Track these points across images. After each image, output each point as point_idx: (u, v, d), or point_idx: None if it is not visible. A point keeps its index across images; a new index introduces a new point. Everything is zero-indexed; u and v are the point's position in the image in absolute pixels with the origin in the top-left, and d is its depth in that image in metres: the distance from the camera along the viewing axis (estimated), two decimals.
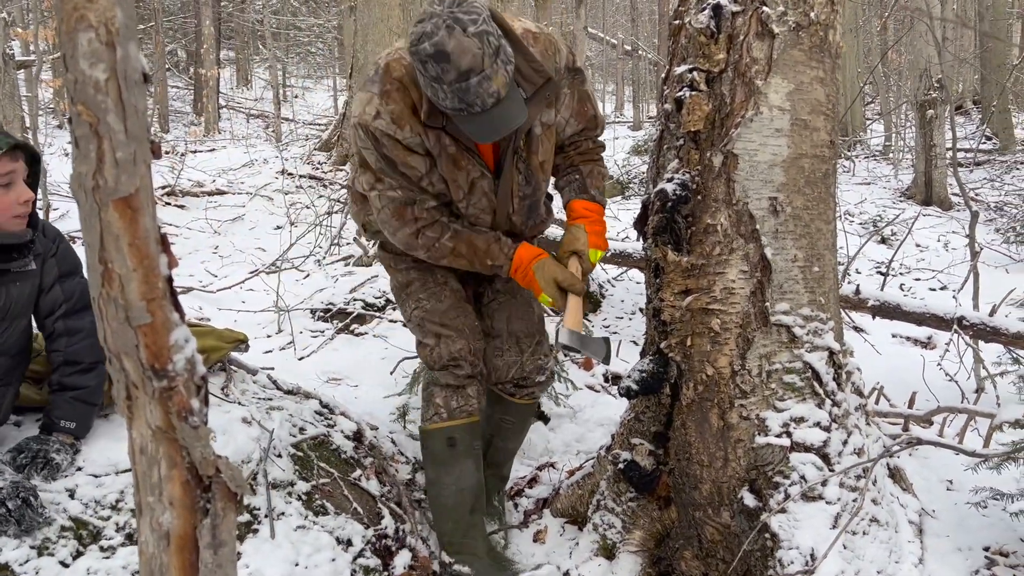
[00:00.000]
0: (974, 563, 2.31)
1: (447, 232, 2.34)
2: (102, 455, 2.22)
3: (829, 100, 2.25)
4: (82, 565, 2.00)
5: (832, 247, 2.35)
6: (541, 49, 2.25)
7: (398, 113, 2.16)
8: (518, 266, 2.36)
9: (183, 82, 19.39)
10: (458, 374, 2.52)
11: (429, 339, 2.53)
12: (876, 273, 6.87)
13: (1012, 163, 12.31)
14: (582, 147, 2.53)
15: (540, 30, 2.30)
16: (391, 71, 2.17)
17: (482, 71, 1.95)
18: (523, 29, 2.25)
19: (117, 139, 0.84)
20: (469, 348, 2.52)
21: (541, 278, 2.32)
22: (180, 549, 0.93)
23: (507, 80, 2.02)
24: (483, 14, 1.98)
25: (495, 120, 2.05)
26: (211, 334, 2.76)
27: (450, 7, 1.96)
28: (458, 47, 1.93)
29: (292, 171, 8.78)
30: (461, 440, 2.52)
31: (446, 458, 2.54)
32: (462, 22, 1.94)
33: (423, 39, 1.96)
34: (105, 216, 0.86)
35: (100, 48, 0.83)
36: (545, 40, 2.28)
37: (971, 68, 16.88)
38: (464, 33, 1.93)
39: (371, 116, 2.17)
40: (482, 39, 1.95)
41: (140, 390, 0.91)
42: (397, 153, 2.21)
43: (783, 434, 2.21)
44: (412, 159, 2.23)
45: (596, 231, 2.46)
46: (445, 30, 1.93)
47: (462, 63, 1.93)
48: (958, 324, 3.73)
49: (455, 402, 2.52)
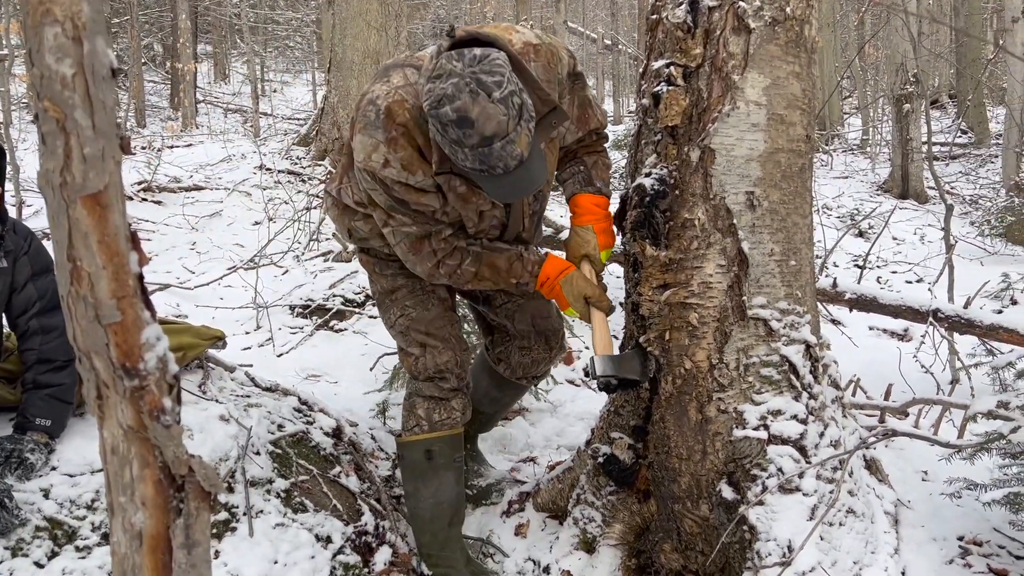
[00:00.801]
0: (949, 553, 2.34)
1: (467, 258, 2.27)
2: (77, 454, 2.20)
3: (805, 95, 2.26)
4: (57, 565, 1.98)
5: (809, 241, 2.36)
6: (544, 63, 2.17)
7: (408, 159, 2.05)
8: (544, 281, 2.31)
9: (160, 77, 19.18)
10: (443, 387, 2.48)
11: (414, 348, 2.48)
12: (853, 266, 6.93)
13: (987, 157, 12.46)
14: (585, 139, 2.47)
15: (541, 41, 2.21)
16: (394, 116, 2.04)
17: (506, 136, 1.85)
18: (523, 44, 2.15)
19: (85, 135, 0.83)
20: (456, 360, 2.48)
21: (569, 293, 2.28)
22: (153, 549, 0.92)
23: (530, 140, 1.92)
24: (506, 72, 1.87)
25: (518, 182, 1.96)
26: (188, 331, 2.73)
27: (471, 66, 1.85)
28: (483, 114, 1.82)
29: (270, 166, 8.72)
30: (440, 453, 2.48)
31: (424, 471, 2.49)
32: (487, 86, 1.82)
33: (444, 102, 1.84)
34: (73, 213, 0.85)
35: (66, 43, 0.81)
36: (547, 53, 2.19)
37: (947, 63, 17.05)
38: (489, 99, 1.82)
39: (379, 164, 2.06)
40: (507, 103, 1.84)
41: (111, 389, 0.90)
42: (409, 195, 2.12)
43: (760, 427, 2.22)
44: (426, 198, 2.14)
45: (604, 228, 2.42)
46: (469, 95, 1.82)
47: (486, 130, 1.83)
48: (933, 316, 3.77)
49: (437, 415, 2.48)
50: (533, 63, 2.14)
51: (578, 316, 2.32)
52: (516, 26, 2.23)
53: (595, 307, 2.29)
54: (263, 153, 9.42)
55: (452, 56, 1.87)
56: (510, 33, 2.16)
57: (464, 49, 1.90)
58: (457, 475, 2.52)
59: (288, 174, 8.60)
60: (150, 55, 19.80)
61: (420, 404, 2.49)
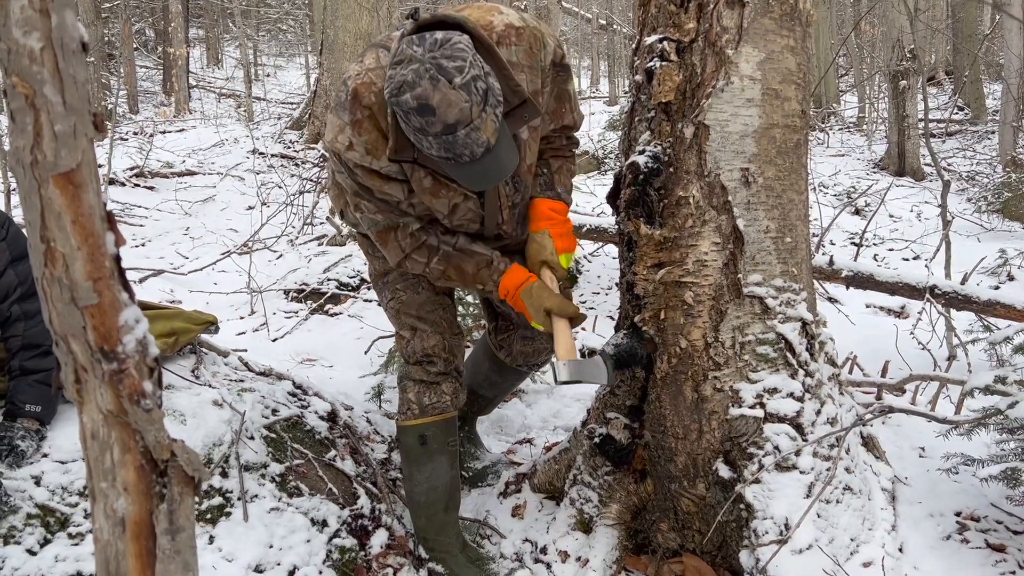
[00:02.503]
0: (946, 528, 2.33)
1: (435, 256, 2.24)
2: (68, 440, 2.18)
3: (800, 69, 2.23)
4: (50, 552, 1.97)
5: (804, 217, 2.34)
6: (526, 48, 2.09)
7: (372, 143, 2.00)
8: (505, 293, 2.27)
9: (152, 62, 19.04)
10: (430, 370, 2.46)
11: (405, 331, 2.47)
12: (850, 244, 6.92)
13: (983, 133, 12.42)
14: (555, 143, 2.38)
15: (524, 24, 2.11)
16: (360, 98, 1.98)
17: (470, 123, 1.78)
18: (505, 26, 2.07)
19: (55, 111, 0.81)
20: (444, 344, 2.46)
21: (530, 305, 2.23)
22: (136, 536, 0.90)
23: (496, 126, 1.85)
24: (468, 56, 1.80)
25: (486, 169, 1.90)
26: (180, 316, 2.71)
27: (432, 51, 1.78)
28: (444, 100, 1.75)
29: (263, 150, 8.67)
30: (433, 438, 2.46)
31: (418, 455, 2.48)
32: (447, 72, 1.76)
33: (404, 89, 1.78)
34: (45, 192, 0.82)
35: (33, 15, 0.79)
36: (530, 36, 2.10)
37: (943, 38, 16.96)
38: (450, 85, 1.75)
39: (344, 146, 2.01)
40: (469, 89, 1.77)
41: (89, 373, 0.88)
42: (373, 182, 2.07)
43: (757, 405, 2.21)
44: (389, 186, 2.09)
45: (561, 233, 2.33)
46: (429, 81, 1.75)
47: (448, 116, 1.77)
48: (930, 293, 3.75)
49: (427, 399, 2.46)
50: (515, 46, 2.07)
51: (542, 328, 2.26)
52: (501, 7, 2.14)
53: (557, 317, 2.22)
54: (256, 137, 9.37)
55: (413, 40, 1.81)
56: (492, 15, 2.08)
57: (426, 33, 1.83)
58: (451, 459, 2.50)
59: (281, 158, 8.55)
60: (142, 40, 19.64)
61: (411, 388, 2.48)
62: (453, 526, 2.52)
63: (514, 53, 2.07)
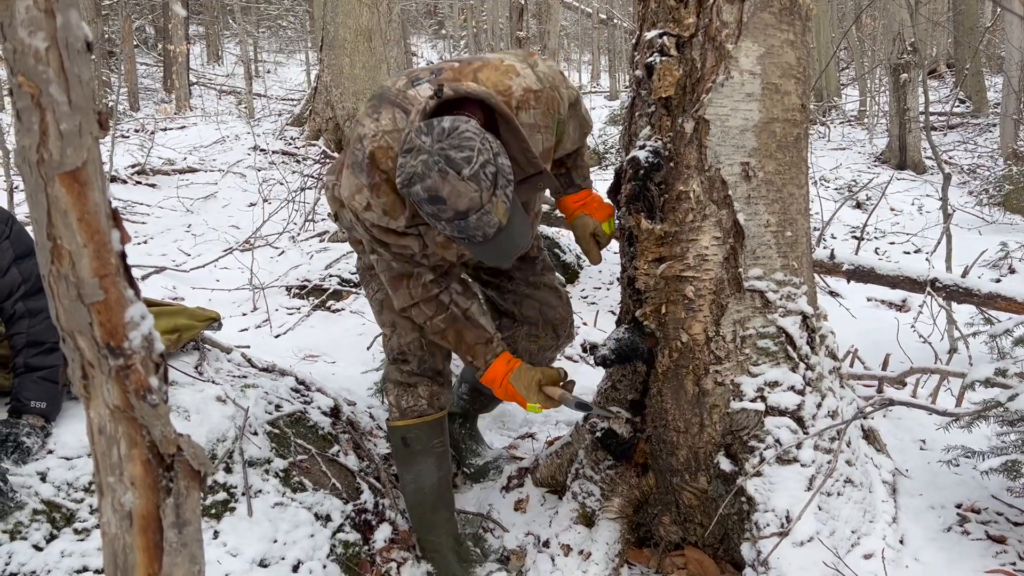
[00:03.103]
0: (946, 520, 2.34)
1: (441, 313, 2.26)
2: (73, 437, 2.19)
3: (800, 63, 2.24)
4: (56, 548, 1.98)
5: (805, 211, 2.35)
6: (543, 109, 2.11)
7: (390, 205, 2.02)
8: (493, 379, 2.30)
9: (152, 59, 19.04)
10: (404, 369, 2.46)
11: (386, 327, 2.49)
12: (851, 237, 6.92)
13: (985, 126, 12.40)
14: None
15: (542, 86, 2.11)
16: (377, 162, 2.00)
17: (480, 208, 1.81)
18: (524, 91, 2.07)
19: (61, 110, 0.82)
20: (420, 343, 2.44)
21: (522, 387, 2.28)
22: (144, 529, 0.91)
23: (507, 207, 1.87)
24: (476, 143, 1.81)
25: (499, 247, 1.93)
26: (183, 313, 2.72)
27: (439, 141, 1.80)
28: (453, 192, 1.78)
29: (264, 147, 8.67)
30: (416, 440, 2.46)
31: (403, 456, 2.51)
32: (455, 164, 1.78)
33: (414, 180, 1.81)
34: (51, 191, 0.83)
35: (38, 15, 0.80)
36: (547, 98, 2.12)
37: (944, 31, 16.92)
38: (459, 177, 1.78)
39: (361, 206, 2.04)
40: (478, 178, 1.79)
41: (96, 369, 0.89)
42: (390, 238, 2.10)
43: (758, 399, 2.22)
44: (405, 240, 2.11)
45: (594, 207, 2.46)
46: (438, 174, 1.78)
47: (459, 205, 1.80)
48: (931, 286, 3.76)
49: (405, 401, 2.46)
50: (533, 110, 2.10)
51: (539, 407, 2.31)
52: (519, 66, 2.12)
53: (549, 388, 2.30)
54: (257, 134, 9.38)
55: (422, 129, 1.83)
56: (510, 78, 2.07)
57: (433, 120, 1.84)
58: (438, 460, 2.49)
59: (282, 154, 8.56)
60: (142, 37, 19.64)
61: (391, 389, 2.50)
62: (444, 525, 2.51)
63: (533, 116, 2.10)
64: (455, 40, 24.43)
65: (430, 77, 2.09)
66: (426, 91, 2.02)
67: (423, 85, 2.07)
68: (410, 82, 2.10)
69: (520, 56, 2.18)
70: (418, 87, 2.07)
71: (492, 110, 1.98)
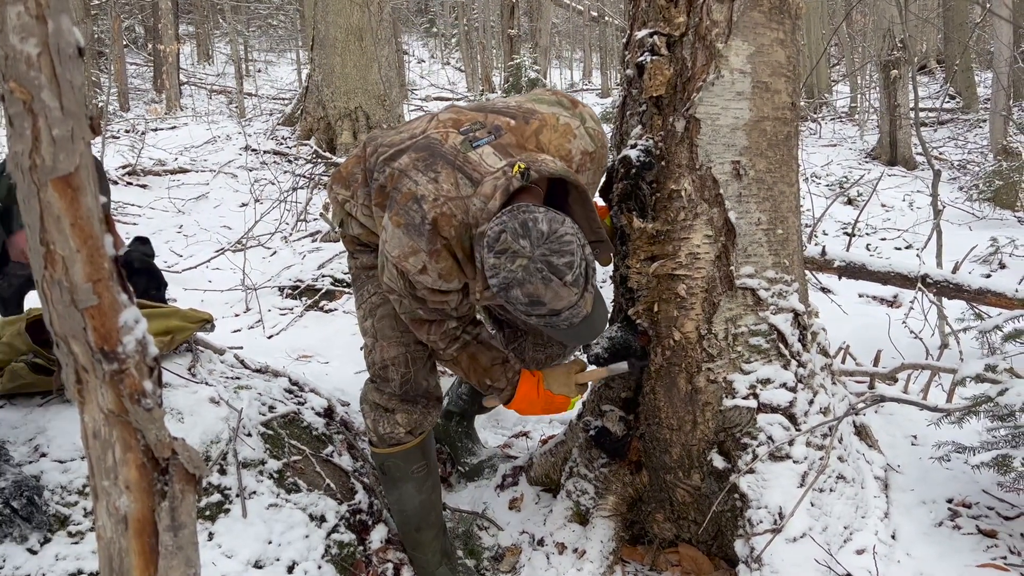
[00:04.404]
0: (938, 515, 2.36)
1: (455, 344, 2.25)
2: (67, 440, 2.19)
3: (790, 62, 2.25)
4: (50, 551, 1.98)
5: (795, 209, 2.36)
6: (596, 167, 2.18)
7: (447, 270, 2.00)
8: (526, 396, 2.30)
9: (142, 59, 18.96)
10: (384, 391, 2.37)
11: (368, 337, 2.40)
12: (843, 234, 6.95)
13: (975, 121, 12.46)
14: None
15: (595, 144, 2.15)
16: (440, 230, 1.96)
17: (574, 306, 1.84)
18: (582, 155, 2.11)
19: (53, 116, 0.82)
20: (405, 359, 2.35)
21: (563, 387, 2.29)
22: (139, 533, 0.92)
23: (593, 298, 1.90)
24: (575, 247, 1.81)
25: (581, 332, 1.95)
26: (175, 314, 2.72)
27: (540, 246, 1.78)
28: (555, 297, 1.80)
29: (256, 147, 8.66)
30: (395, 467, 2.41)
31: (384, 480, 2.49)
32: (558, 271, 1.78)
33: (512, 286, 1.80)
34: (44, 196, 0.83)
35: (30, 21, 0.80)
36: (599, 157, 2.18)
37: (934, 27, 16.98)
38: (562, 283, 1.79)
39: (415, 269, 1.99)
40: (577, 283, 1.81)
41: (90, 374, 0.89)
42: (433, 297, 2.08)
43: (750, 396, 2.23)
44: (447, 297, 2.11)
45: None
46: (541, 281, 1.78)
47: (557, 306, 1.82)
48: (922, 282, 3.78)
49: (382, 427, 2.38)
50: (588, 171, 2.14)
51: (579, 395, 2.33)
52: (573, 124, 2.13)
53: (583, 376, 2.32)
54: (248, 134, 9.36)
55: (517, 233, 1.79)
56: (569, 140, 2.09)
57: (528, 220, 1.80)
58: (418, 485, 2.43)
59: (274, 154, 8.54)
60: (131, 37, 19.56)
61: (367, 412, 2.42)
62: (430, 544, 2.48)
63: (587, 177, 2.15)
64: (446, 38, 24.41)
65: (489, 138, 2.05)
66: (491, 158, 2.00)
67: (484, 147, 2.03)
68: (467, 141, 2.05)
69: (568, 108, 2.16)
70: (479, 149, 2.02)
71: (567, 185, 2.01)
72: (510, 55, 14.91)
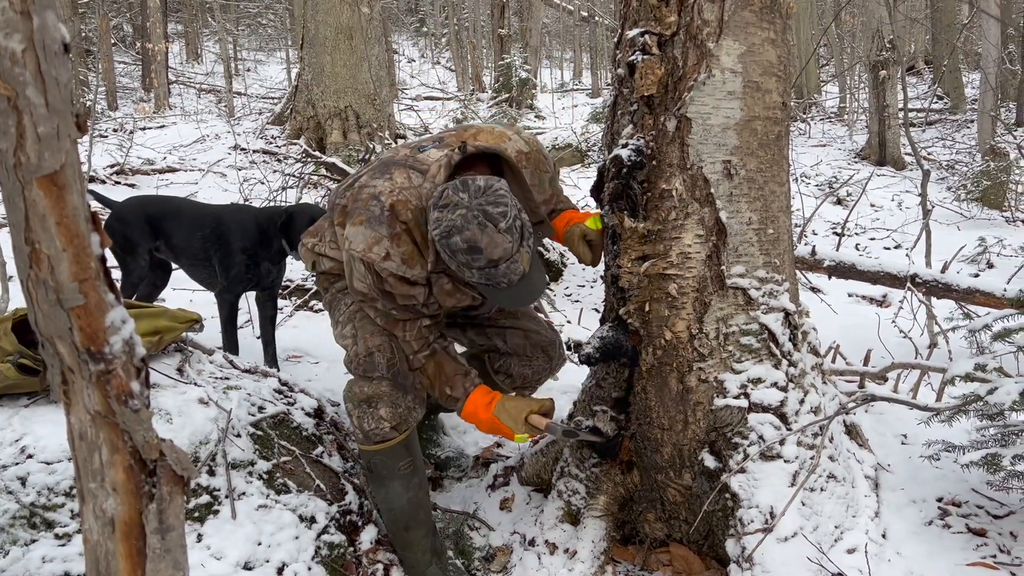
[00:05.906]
0: (928, 514, 2.37)
1: (426, 350, 2.38)
2: (54, 441, 2.17)
3: (780, 61, 2.25)
4: (36, 553, 1.96)
5: (786, 209, 2.36)
6: (532, 169, 2.34)
7: (408, 254, 2.17)
8: (473, 411, 2.34)
9: (130, 58, 18.86)
10: (372, 376, 2.36)
11: (347, 339, 2.43)
12: (832, 234, 6.97)
13: (963, 122, 12.53)
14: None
15: (530, 148, 2.37)
16: (398, 213, 2.16)
17: (511, 258, 2.00)
18: (516, 152, 2.31)
19: (38, 113, 0.81)
20: (390, 346, 2.38)
21: (510, 419, 2.30)
22: (126, 535, 0.90)
23: (530, 257, 2.07)
24: (508, 200, 2.00)
25: (519, 292, 2.11)
26: (164, 315, 2.70)
27: (477, 197, 1.98)
28: (491, 243, 1.96)
29: (245, 146, 8.62)
30: (382, 465, 2.42)
31: (371, 478, 2.50)
32: (493, 218, 1.96)
33: (452, 232, 1.98)
34: (29, 194, 0.82)
35: (14, 17, 0.79)
36: (535, 159, 2.37)
37: (922, 28, 17.07)
38: (496, 229, 1.96)
39: (379, 256, 2.16)
40: (512, 231, 1.99)
41: (76, 374, 0.88)
42: (400, 288, 2.21)
43: (741, 395, 2.23)
44: (413, 290, 2.24)
45: (580, 216, 2.53)
46: (477, 227, 1.96)
47: (494, 254, 1.98)
48: (911, 282, 3.79)
49: (367, 424, 2.37)
50: (524, 169, 2.29)
51: (527, 436, 2.33)
52: (509, 132, 2.39)
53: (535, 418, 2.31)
54: (237, 133, 9.32)
55: (458, 187, 2.01)
56: (504, 141, 2.32)
57: (468, 179, 2.02)
58: (405, 482, 2.44)
59: (263, 153, 8.50)
60: (120, 35, 19.45)
61: (351, 411, 2.42)
62: (420, 542, 2.47)
63: (527, 176, 2.29)
64: (436, 38, 24.38)
65: (434, 144, 2.33)
66: (435, 154, 2.26)
67: (430, 150, 2.31)
68: (415, 148, 2.34)
69: (505, 125, 2.33)
70: (426, 152, 2.30)
71: (499, 166, 2.23)
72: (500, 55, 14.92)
